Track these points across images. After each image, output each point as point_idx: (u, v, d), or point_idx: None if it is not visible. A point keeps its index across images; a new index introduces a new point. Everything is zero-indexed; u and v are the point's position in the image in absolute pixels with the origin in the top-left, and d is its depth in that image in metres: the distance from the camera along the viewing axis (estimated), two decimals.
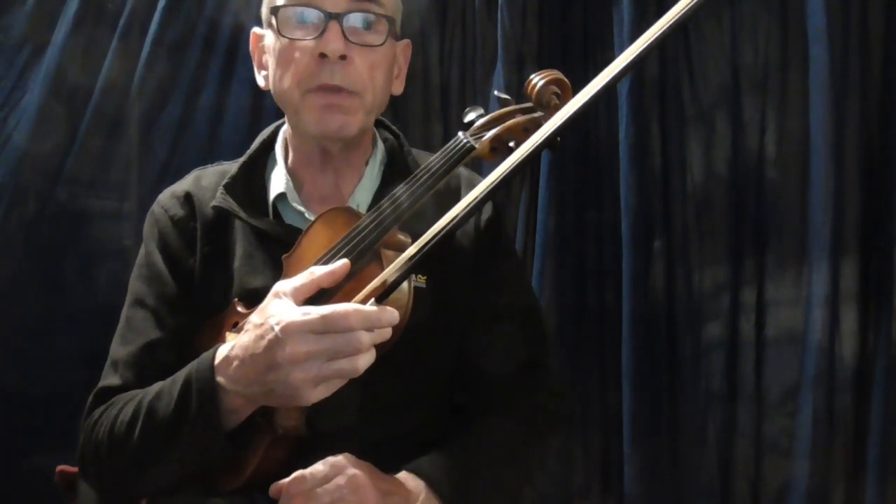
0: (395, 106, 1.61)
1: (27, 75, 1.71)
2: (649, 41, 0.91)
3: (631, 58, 0.90)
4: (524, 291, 1.22)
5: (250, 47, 1.14)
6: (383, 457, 0.97)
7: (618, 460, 1.47)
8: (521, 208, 1.57)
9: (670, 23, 0.90)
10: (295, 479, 0.91)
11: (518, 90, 1.55)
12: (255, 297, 0.99)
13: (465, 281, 1.11)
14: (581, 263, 1.53)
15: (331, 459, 0.92)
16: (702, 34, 1.45)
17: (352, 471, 0.92)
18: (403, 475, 0.96)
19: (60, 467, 1.19)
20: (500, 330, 1.11)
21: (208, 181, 1.14)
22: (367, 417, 1.00)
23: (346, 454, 0.94)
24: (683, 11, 0.90)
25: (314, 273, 0.91)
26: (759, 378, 1.40)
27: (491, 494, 1.02)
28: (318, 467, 0.92)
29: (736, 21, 1.43)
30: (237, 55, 1.67)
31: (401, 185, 0.99)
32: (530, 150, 0.92)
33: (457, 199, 0.93)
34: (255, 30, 1.13)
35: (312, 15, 1.03)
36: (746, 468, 1.40)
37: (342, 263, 0.92)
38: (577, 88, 0.97)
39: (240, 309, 1.03)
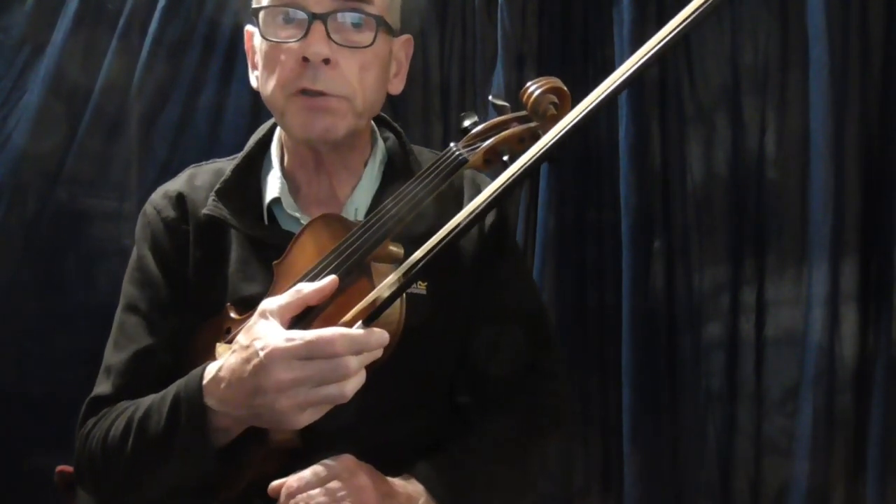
0: (395, 106, 1.61)
1: (27, 75, 1.71)
2: (651, 51, 0.89)
3: (634, 67, 0.89)
4: (530, 293, 1.20)
5: (245, 46, 1.11)
6: (383, 461, 0.96)
7: (618, 460, 1.47)
8: (521, 208, 1.57)
9: (674, 32, 0.89)
10: (294, 479, 0.90)
11: (518, 91, 1.55)
12: (249, 303, 0.98)
13: (469, 285, 1.09)
14: (581, 263, 1.53)
15: (331, 461, 0.92)
16: (702, 34, 1.44)
17: (352, 472, 0.91)
18: (403, 479, 0.96)
19: (60, 467, 1.19)
20: (504, 332, 1.09)
21: (202, 181, 1.11)
22: (365, 422, 0.98)
23: (347, 455, 0.93)
24: (688, 20, 0.88)
25: (301, 291, 0.89)
26: (759, 378, 1.40)
27: (491, 497, 1.01)
28: (318, 468, 0.91)
29: (736, 21, 1.43)
30: (237, 55, 1.67)
31: (392, 197, 0.96)
32: (527, 165, 0.88)
33: (459, 199, 0.91)
34: (248, 27, 1.09)
35: (296, 16, 0.98)
36: (746, 468, 1.40)
37: (330, 280, 0.90)
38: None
39: (233, 314, 1.01)
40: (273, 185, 1.08)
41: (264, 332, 0.86)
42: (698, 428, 1.43)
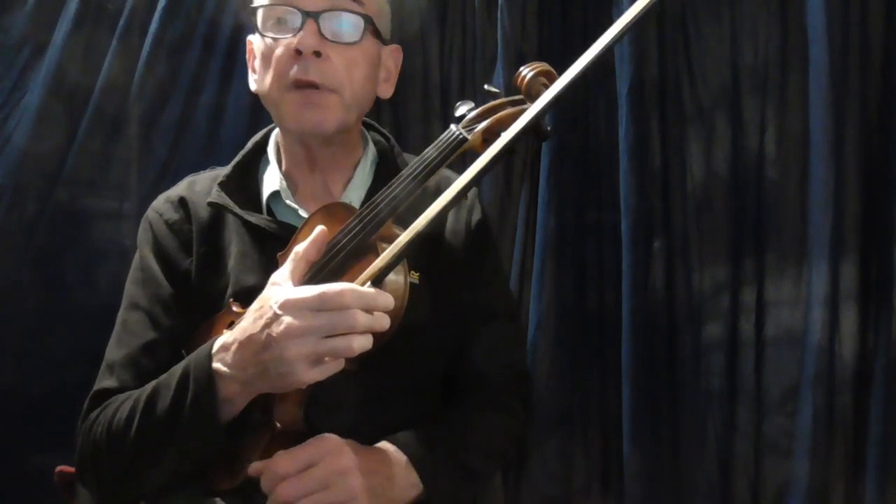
0: (395, 106, 1.61)
1: (27, 75, 1.71)
2: (629, 20, 0.92)
3: (606, 41, 0.91)
4: (506, 293, 1.27)
5: (247, 54, 1.17)
6: None
7: (618, 460, 1.47)
8: (521, 208, 1.57)
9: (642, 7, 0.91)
10: (275, 462, 0.90)
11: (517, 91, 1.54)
12: (250, 296, 0.99)
13: (456, 278, 1.13)
14: (581, 263, 1.53)
15: (313, 443, 0.92)
16: (702, 34, 1.45)
17: (335, 454, 0.92)
18: (385, 446, 0.98)
19: (60, 467, 1.19)
20: (480, 329, 1.14)
21: (202, 186, 1.16)
22: (364, 412, 1.01)
23: (329, 435, 0.94)
24: None
25: (298, 252, 0.93)
26: (759, 378, 1.40)
27: (460, 480, 1.04)
28: (300, 451, 0.92)
29: (736, 21, 1.43)
30: (237, 55, 1.67)
31: (395, 179, 1.01)
32: (512, 136, 0.92)
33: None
34: (250, 37, 1.16)
35: (290, 14, 1.06)
36: (746, 468, 1.40)
37: (319, 230, 0.94)
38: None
39: (235, 309, 1.03)
40: (271, 181, 1.14)
41: (277, 291, 0.89)
42: (698, 428, 1.43)
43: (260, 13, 1.09)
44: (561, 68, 1.06)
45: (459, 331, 1.13)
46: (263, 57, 1.09)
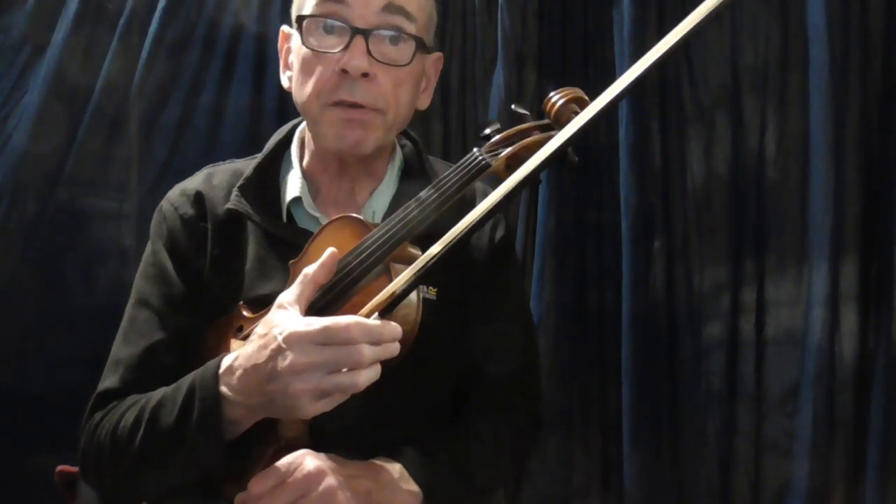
0: None
1: (27, 75, 1.71)
2: (666, 49, 0.89)
3: (651, 61, 0.89)
4: (525, 313, 1.23)
5: (279, 44, 1.12)
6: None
7: (618, 460, 1.47)
8: (521, 208, 1.57)
9: (696, 22, 0.89)
10: (250, 485, 0.90)
11: (518, 90, 1.55)
12: (262, 303, 0.98)
13: (473, 293, 1.10)
14: (581, 263, 1.53)
15: (286, 458, 0.91)
16: (702, 34, 1.44)
17: (308, 463, 0.91)
18: (378, 459, 0.96)
19: (60, 467, 1.19)
20: (496, 345, 1.11)
21: (220, 180, 1.11)
22: (371, 425, 0.99)
23: (302, 450, 0.92)
24: (705, 15, 0.88)
25: (307, 275, 0.90)
26: (759, 378, 1.40)
27: (463, 490, 1.02)
28: (273, 467, 0.91)
29: (736, 21, 1.43)
30: (237, 55, 1.67)
31: (413, 200, 0.97)
32: (535, 167, 0.90)
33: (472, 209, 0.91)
34: (285, 28, 1.11)
35: (338, 28, 1.01)
36: (746, 468, 1.40)
37: (330, 253, 0.91)
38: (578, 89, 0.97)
39: (245, 313, 1.02)
40: (293, 185, 1.10)
41: (283, 319, 0.87)
42: (698, 428, 1.43)
43: (305, 22, 1.03)
44: (561, 69, 1.05)
45: (472, 345, 1.10)
46: (304, 67, 1.03)
